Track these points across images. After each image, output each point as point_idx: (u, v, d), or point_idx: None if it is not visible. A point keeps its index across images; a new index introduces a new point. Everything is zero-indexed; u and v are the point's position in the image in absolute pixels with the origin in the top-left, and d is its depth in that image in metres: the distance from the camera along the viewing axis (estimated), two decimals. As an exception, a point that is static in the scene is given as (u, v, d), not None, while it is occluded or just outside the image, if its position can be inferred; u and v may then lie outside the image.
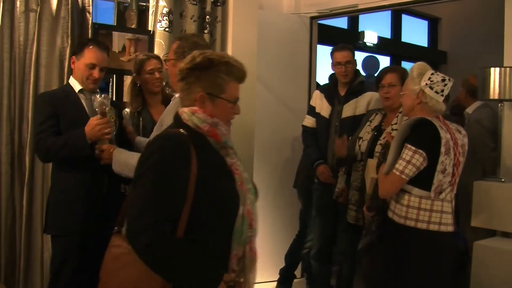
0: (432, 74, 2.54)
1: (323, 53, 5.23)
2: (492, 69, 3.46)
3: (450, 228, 2.51)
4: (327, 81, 4.03)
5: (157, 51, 3.52)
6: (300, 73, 4.65)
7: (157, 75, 3.21)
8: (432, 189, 2.46)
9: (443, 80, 2.51)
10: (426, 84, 2.52)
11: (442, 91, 2.52)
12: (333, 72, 3.84)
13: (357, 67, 3.86)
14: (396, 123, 3.14)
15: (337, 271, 3.84)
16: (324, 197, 3.75)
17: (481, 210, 3.37)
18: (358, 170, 3.27)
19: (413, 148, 2.43)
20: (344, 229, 3.56)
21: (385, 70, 3.38)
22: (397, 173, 2.45)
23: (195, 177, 1.61)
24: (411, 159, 2.42)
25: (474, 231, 3.60)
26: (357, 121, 3.49)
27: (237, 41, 3.87)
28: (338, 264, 3.79)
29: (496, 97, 3.47)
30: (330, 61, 3.82)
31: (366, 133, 3.30)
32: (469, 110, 4.30)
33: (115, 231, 1.89)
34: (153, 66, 3.22)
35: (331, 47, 3.94)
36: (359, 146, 3.29)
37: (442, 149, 2.42)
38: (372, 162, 3.06)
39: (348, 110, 3.66)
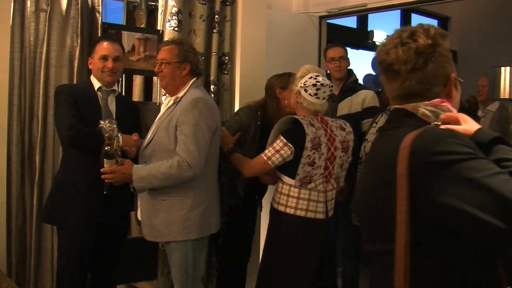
0: (310, 78, 2.80)
1: (332, 52, 5.21)
2: (502, 68, 3.44)
3: (320, 216, 2.78)
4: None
5: None
6: (309, 72, 4.64)
7: None
8: (297, 179, 2.73)
9: (315, 85, 2.76)
10: (301, 86, 2.79)
11: (316, 94, 2.77)
12: (326, 71, 3.87)
13: (350, 67, 3.90)
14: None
15: (341, 272, 3.84)
16: None
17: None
18: (361, 170, 3.27)
19: (284, 140, 2.71)
20: (345, 228, 3.57)
21: None
22: (265, 158, 2.74)
23: None
24: (280, 150, 2.71)
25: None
26: (352, 119, 3.48)
27: (246, 40, 3.87)
28: (341, 265, 3.78)
29: (507, 96, 3.45)
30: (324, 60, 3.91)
31: (371, 134, 3.30)
32: (492, 108, 4.28)
33: None
34: None
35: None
36: (364, 147, 3.29)
37: (308, 145, 2.68)
38: None
39: (343, 108, 3.68)
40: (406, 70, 1.32)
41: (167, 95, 2.95)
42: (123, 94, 3.79)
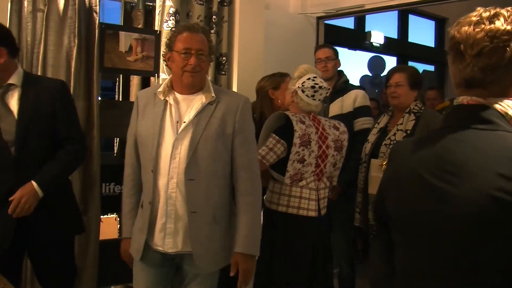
0: (308, 79, 2.82)
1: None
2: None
3: (312, 213, 2.79)
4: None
5: (163, 51, 3.52)
6: (306, 73, 4.65)
7: None
8: (287, 176, 2.74)
9: (313, 87, 2.79)
10: (299, 87, 2.81)
11: (313, 96, 2.79)
12: None
13: (347, 68, 3.92)
14: (401, 123, 3.14)
15: (338, 273, 3.83)
16: None
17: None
18: (361, 172, 3.27)
19: (277, 138, 2.72)
20: (341, 228, 3.57)
21: (394, 69, 3.40)
22: (259, 157, 2.68)
23: None
24: (273, 147, 2.72)
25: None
26: (344, 119, 3.49)
27: (244, 41, 3.87)
28: (338, 265, 3.78)
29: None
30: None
31: (372, 135, 3.31)
32: None
33: None
34: None
35: (338, 47, 3.97)
36: (365, 148, 3.30)
37: (296, 141, 2.70)
38: (375, 162, 3.07)
39: (334, 108, 3.70)
40: (471, 54, 1.16)
41: (163, 91, 2.32)
42: (120, 95, 3.78)
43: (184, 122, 2.25)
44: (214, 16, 3.73)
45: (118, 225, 3.71)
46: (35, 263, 2.71)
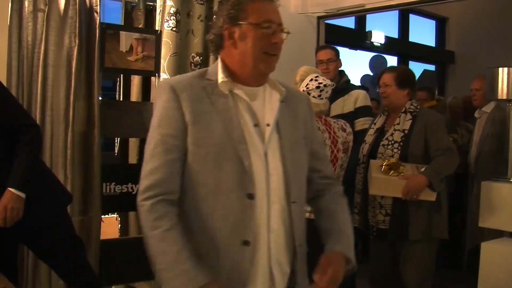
0: (310, 80, 2.80)
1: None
2: (500, 69, 3.44)
3: None
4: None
5: (164, 51, 3.52)
6: (307, 73, 4.64)
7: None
8: None
9: (318, 87, 2.77)
10: (304, 90, 2.79)
11: (320, 95, 2.78)
12: None
13: (347, 67, 3.93)
14: (398, 123, 3.14)
15: None
16: None
17: (489, 211, 3.35)
18: (360, 173, 3.27)
19: None
20: None
21: (383, 70, 3.45)
22: None
23: None
24: None
25: (481, 231, 3.59)
26: (345, 119, 3.48)
27: (244, 40, 3.86)
28: None
29: (505, 97, 3.45)
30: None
31: (369, 135, 3.31)
32: (487, 109, 4.26)
33: None
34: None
35: (339, 47, 3.96)
36: (362, 149, 3.30)
37: None
38: (374, 163, 3.07)
39: (335, 108, 3.70)
40: None
41: (227, 81, 1.63)
42: (121, 94, 3.79)
43: (268, 125, 1.63)
44: (214, 16, 3.72)
45: (119, 225, 3.71)
46: (33, 248, 2.75)
